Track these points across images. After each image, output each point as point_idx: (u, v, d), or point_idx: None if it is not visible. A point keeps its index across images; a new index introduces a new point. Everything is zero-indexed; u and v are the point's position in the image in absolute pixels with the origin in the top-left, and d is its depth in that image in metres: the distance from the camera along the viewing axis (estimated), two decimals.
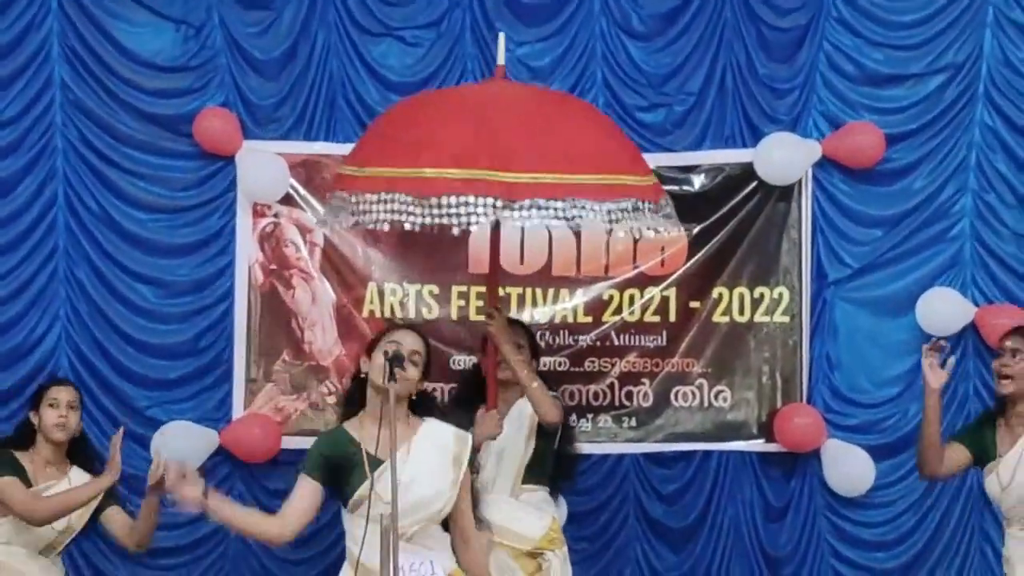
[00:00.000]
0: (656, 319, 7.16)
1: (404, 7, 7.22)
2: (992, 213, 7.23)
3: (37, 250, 7.05)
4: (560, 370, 7.07)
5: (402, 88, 7.12)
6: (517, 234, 6.75)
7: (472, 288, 7.11)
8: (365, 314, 7.05)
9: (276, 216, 7.11)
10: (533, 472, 6.29)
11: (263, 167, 7.04)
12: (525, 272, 7.07)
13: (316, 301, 7.11)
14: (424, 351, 5.03)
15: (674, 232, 6.11)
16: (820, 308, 7.22)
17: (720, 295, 7.18)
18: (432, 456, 4.95)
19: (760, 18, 7.23)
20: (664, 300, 7.17)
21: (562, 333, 7.15)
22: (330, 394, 7.01)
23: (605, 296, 7.16)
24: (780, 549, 7.25)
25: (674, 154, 7.19)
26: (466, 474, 5.00)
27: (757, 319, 7.20)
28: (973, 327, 7.14)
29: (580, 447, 6.79)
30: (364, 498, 4.86)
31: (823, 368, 7.23)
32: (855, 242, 7.26)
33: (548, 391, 6.24)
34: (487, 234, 6.01)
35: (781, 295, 7.21)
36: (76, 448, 6.16)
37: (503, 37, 6.12)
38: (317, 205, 7.10)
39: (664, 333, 7.17)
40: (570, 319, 7.17)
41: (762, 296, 7.19)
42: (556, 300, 7.17)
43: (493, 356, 6.14)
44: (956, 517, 7.22)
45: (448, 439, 5.01)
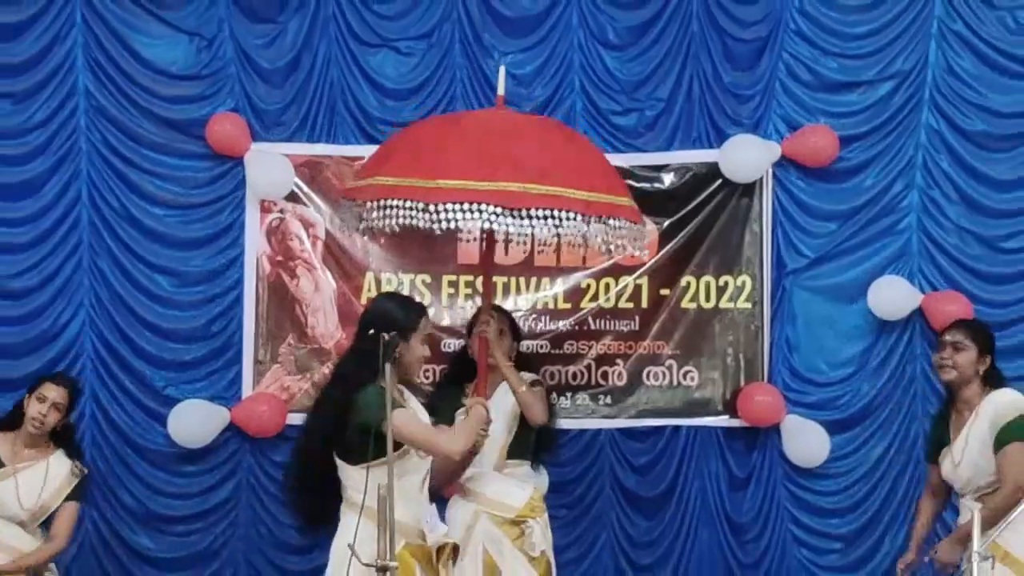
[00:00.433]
0: (629, 305, 7.24)
1: (399, 20, 7.27)
2: (937, 208, 7.29)
3: (63, 243, 7.14)
4: (542, 352, 7.16)
5: (397, 94, 7.25)
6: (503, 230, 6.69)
7: (461, 277, 7.22)
8: (363, 301, 7.07)
9: (282, 212, 7.19)
10: (516, 449, 6.37)
11: (270, 167, 7.12)
12: (510, 263, 7.12)
13: (318, 289, 7.19)
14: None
15: (642, 252, 6.26)
16: (780, 295, 7.27)
17: (688, 283, 7.26)
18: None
19: (724, 30, 7.29)
20: (637, 288, 7.23)
21: (544, 318, 7.25)
22: None
23: (583, 285, 7.26)
24: (743, 516, 7.30)
25: (645, 155, 7.25)
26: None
27: (722, 305, 7.26)
28: (920, 312, 7.19)
29: (560, 423, 6.86)
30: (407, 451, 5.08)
31: (782, 350, 7.28)
32: (812, 235, 7.30)
33: (532, 387, 6.33)
34: (476, 232, 6.02)
35: (744, 283, 7.28)
36: (59, 434, 6.20)
37: (503, 70, 6.11)
38: (319, 201, 7.18)
39: (637, 318, 7.26)
40: (551, 306, 7.26)
41: (726, 284, 7.27)
42: (538, 288, 7.27)
43: (484, 357, 6.13)
44: (904, 487, 7.24)
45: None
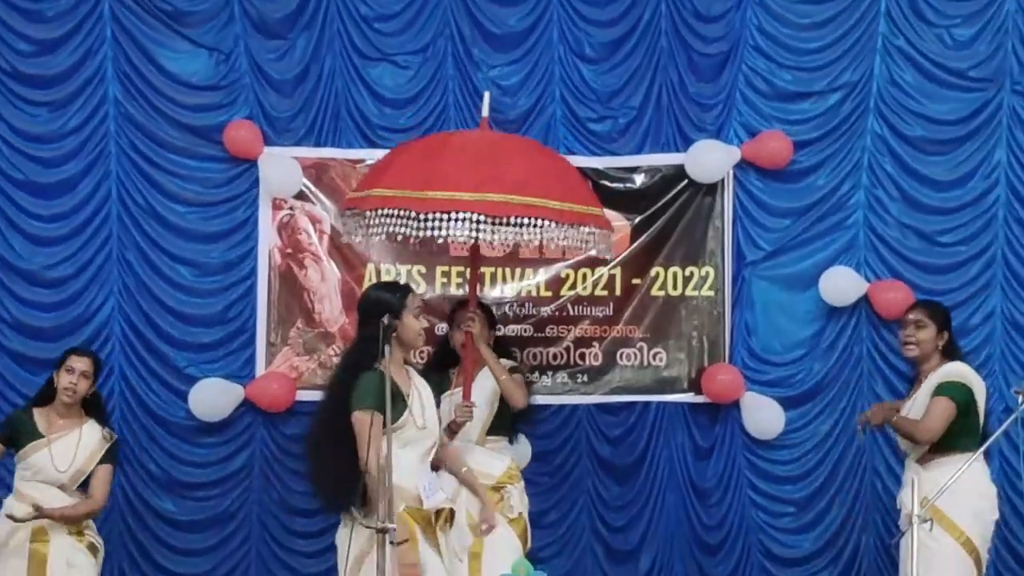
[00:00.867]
0: (604, 293, 7.48)
1: (397, 37, 7.51)
2: (881, 206, 7.55)
3: (95, 237, 7.39)
4: (525, 336, 7.43)
5: (395, 103, 7.50)
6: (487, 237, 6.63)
7: (452, 268, 7.45)
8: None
9: (291, 209, 7.42)
10: (495, 427, 6.68)
11: (281, 168, 7.35)
12: (497, 255, 7.32)
13: (324, 279, 7.43)
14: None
15: (607, 255, 6.54)
16: (740, 284, 7.52)
17: (657, 273, 7.50)
18: (428, 399, 5.73)
19: (690, 46, 7.54)
20: (611, 278, 7.48)
21: (527, 305, 7.50)
22: (336, 355, 7.24)
23: (563, 275, 7.50)
24: (706, 482, 7.58)
25: (619, 157, 7.51)
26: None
27: (688, 293, 7.51)
28: (866, 299, 7.48)
29: (541, 399, 7.24)
30: (404, 424, 5.44)
31: (742, 333, 7.52)
32: (768, 229, 7.56)
33: (512, 374, 6.56)
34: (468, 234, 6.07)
35: (708, 273, 7.51)
36: (91, 404, 6.38)
37: (488, 96, 6.41)
38: (325, 200, 7.40)
39: (611, 305, 7.51)
40: (533, 293, 7.50)
41: (692, 274, 7.50)
42: (522, 278, 7.50)
43: (470, 353, 6.40)
44: (851, 456, 7.52)
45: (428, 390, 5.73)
